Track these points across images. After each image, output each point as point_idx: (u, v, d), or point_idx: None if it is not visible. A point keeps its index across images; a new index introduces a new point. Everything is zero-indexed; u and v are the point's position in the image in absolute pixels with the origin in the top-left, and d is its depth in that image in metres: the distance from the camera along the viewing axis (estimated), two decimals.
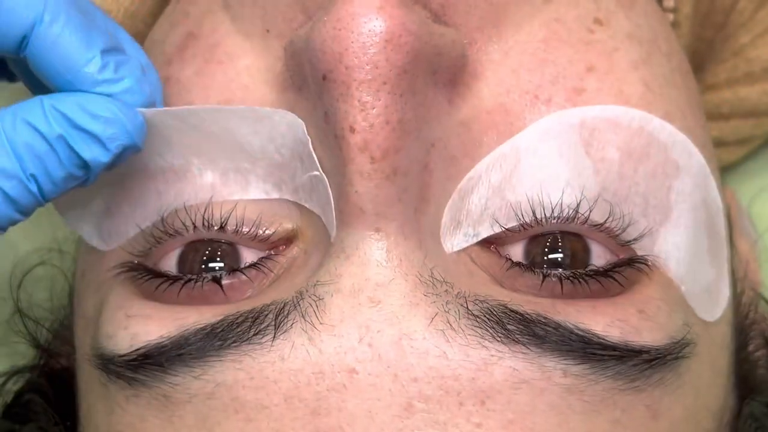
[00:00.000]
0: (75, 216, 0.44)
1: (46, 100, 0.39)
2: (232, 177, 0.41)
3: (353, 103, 0.37)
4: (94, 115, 0.39)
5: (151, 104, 0.41)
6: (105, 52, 0.40)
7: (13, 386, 0.52)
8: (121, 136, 0.39)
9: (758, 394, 0.47)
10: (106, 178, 0.42)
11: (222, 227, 0.41)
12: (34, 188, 0.39)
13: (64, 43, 0.39)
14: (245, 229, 0.41)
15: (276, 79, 0.41)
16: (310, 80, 0.38)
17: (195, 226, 0.41)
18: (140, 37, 0.51)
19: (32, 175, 0.39)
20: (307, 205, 0.40)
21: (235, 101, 0.42)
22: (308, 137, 0.39)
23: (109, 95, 0.39)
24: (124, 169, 0.42)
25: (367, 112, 0.37)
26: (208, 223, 0.41)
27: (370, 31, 0.37)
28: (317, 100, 0.38)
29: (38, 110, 0.39)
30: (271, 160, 0.41)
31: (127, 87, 0.40)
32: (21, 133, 0.39)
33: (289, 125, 0.40)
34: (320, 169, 0.39)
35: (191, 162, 0.42)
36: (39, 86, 0.42)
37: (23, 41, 0.39)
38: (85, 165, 0.39)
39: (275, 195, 0.41)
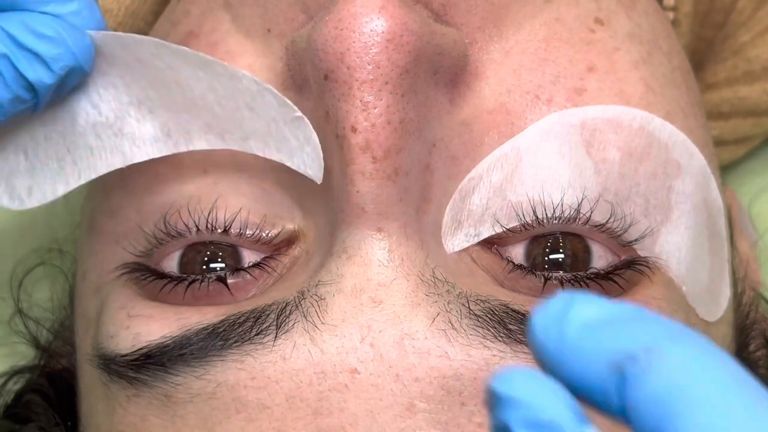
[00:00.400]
0: None
1: None
2: (173, 128, 0.40)
3: (355, 103, 0.37)
4: (39, 34, 0.38)
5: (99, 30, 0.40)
6: None
7: (14, 386, 0.51)
8: (65, 57, 0.39)
9: None
10: (29, 129, 0.41)
11: (225, 230, 0.41)
12: None
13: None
14: (248, 232, 0.41)
15: (277, 78, 0.41)
16: (311, 80, 0.38)
17: (198, 229, 0.41)
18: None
19: None
20: (261, 154, 0.40)
21: None
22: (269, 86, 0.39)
23: (56, 16, 0.39)
24: (50, 121, 0.41)
25: (369, 112, 0.37)
26: (212, 226, 0.41)
27: (371, 30, 0.37)
28: (318, 100, 0.38)
29: None
30: (210, 111, 0.40)
31: (75, 9, 0.39)
32: None
33: (231, 77, 0.39)
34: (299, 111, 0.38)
35: (128, 113, 0.41)
36: None
37: None
38: (31, 87, 0.39)
39: (219, 145, 0.40)
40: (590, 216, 0.40)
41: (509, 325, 0.38)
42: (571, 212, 0.40)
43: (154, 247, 0.42)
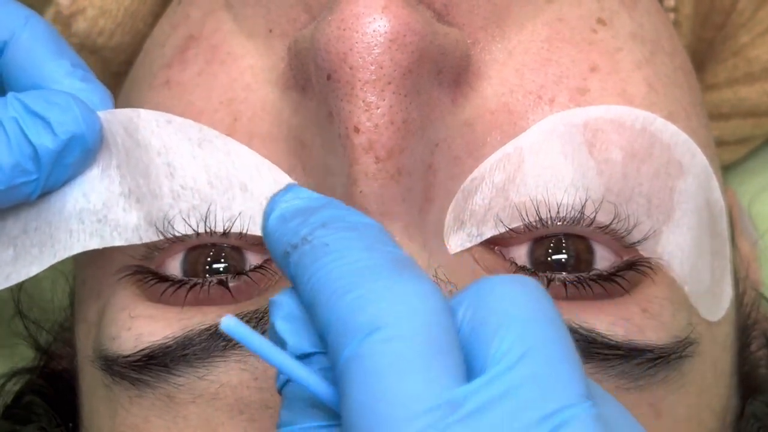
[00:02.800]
0: None
1: (13, 93, 0.40)
2: (156, 216, 0.41)
3: (358, 104, 0.37)
4: (50, 101, 0.40)
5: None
6: (74, 65, 0.42)
7: (14, 387, 0.51)
8: (71, 123, 0.40)
9: (760, 394, 0.47)
10: (23, 222, 0.42)
11: (225, 233, 0.40)
12: None
13: (38, 52, 0.42)
14: (249, 234, 0.40)
15: (279, 79, 0.41)
16: (314, 80, 0.38)
17: (198, 233, 0.41)
18: (140, 36, 0.51)
19: None
20: (246, 231, 0.40)
21: (238, 101, 0.42)
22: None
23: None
24: (43, 210, 0.42)
25: (372, 112, 0.37)
26: (211, 230, 0.40)
27: (374, 31, 0.37)
28: (321, 101, 0.38)
29: (1, 98, 0.40)
30: (199, 192, 0.40)
31: (89, 97, 0.42)
32: None
33: (228, 153, 0.40)
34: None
35: (116, 203, 0.42)
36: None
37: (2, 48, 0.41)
38: (34, 156, 0.40)
39: (202, 228, 0.40)
40: (594, 217, 0.40)
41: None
42: (575, 213, 0.39)
43: (155, 251, 0.42)
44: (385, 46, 0.37)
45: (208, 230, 0.40)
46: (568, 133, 0.40)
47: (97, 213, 0.42)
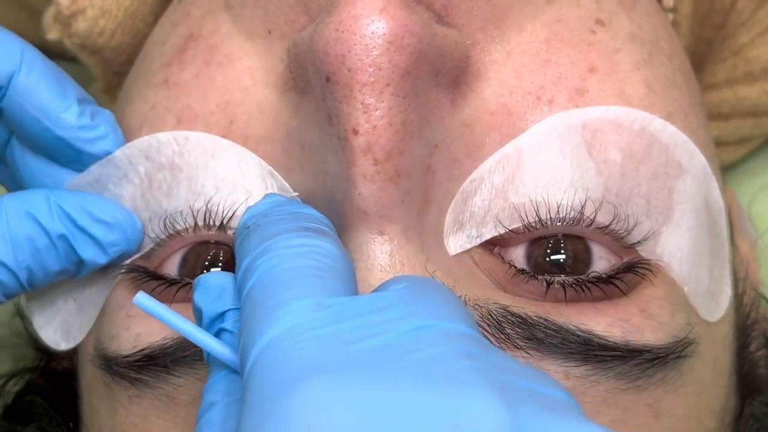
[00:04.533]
0: (44, 319, 0.46)
1: (52, 196, 0.42)
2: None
3: (356, 106, 0.37)
4: (96, 218, 0.42)
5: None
6: (80, 101, 0.42)
7: (14, 387, 0.51)
8: (120, 243, 0.42)
9: (759, 394, 0.47)
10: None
11: (222, 226, 0.41)
12: (24, 277, 0.42)
13: (41, 92, 0.42)
14: None
15: (278, 80, 0.41)
16: (313, 82, 0.38)
17: (197, 225, 0.41)
18: (140, 36, 0.51)
19: (27, 267, 0.41)
20: None
21: (234, 104, 0.42)
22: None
23: (87, 139, 0.42)
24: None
25: (370, 114, 0.37)
26: (211, 221, 0.41)
27: (372, 33, 0.37)
28: (320, 102, 0.38)
29: (44, 205, 0.41)
30: (204, 195, 0.42)
31: (103, 133, 0.42)
32: (25, 226, 0.41)
33: (238, 163, 0.41)
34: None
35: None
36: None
37: (1, 92, 0.41)
38: (80, 263, 0.42)
39: (198, 221, 0.42)
40: (594, 218, 0.40)
41: (506, 329, 0.38)
42: (575, 214, 0.39)
43: (154, 249, 0.42)
44: (384, 48, 0.37)
45: (207, 222, 0.40)
46: (567, 133, 0.40)
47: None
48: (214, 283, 0.37)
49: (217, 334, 0.36)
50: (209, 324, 0.37)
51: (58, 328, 0.45)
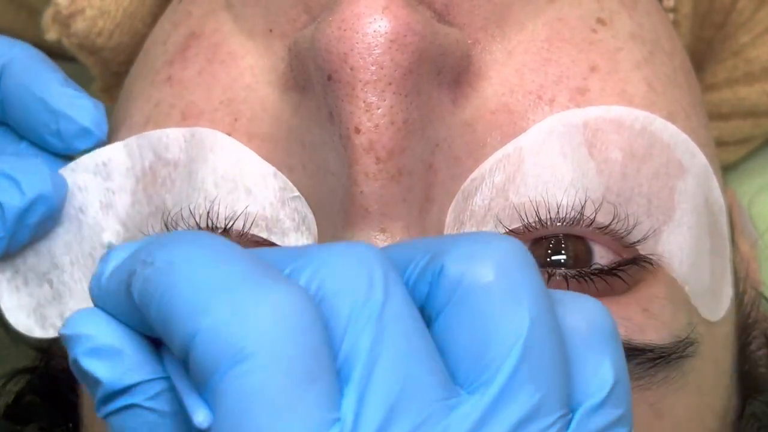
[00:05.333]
0: (14, 301, 0.44)
1: None
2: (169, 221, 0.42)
3: (358, 104, 0.37)
4: (20, 164, 0.42)
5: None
6: (66, 80, 0.43)
7: (14, 387, 0.51)
8: (38, 183, 0.41)
9: (761, 394, 0.47)
10: (49, 258, 0.43)
11: (226, 230, 0.40)
12: None
13: (35, 69, 0.43)
14: (250, 233, 0.40)
15: (279, 79, 0.41)
16: (314, 81, 0.38)
17: (199, 228, 0.41)
18: (139, 37, 0.51)
19: None
20: (248, 231, 0.41)
21: (238, 101, 0.42)
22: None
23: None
24: (75, 244, 0.43)
25: (372, 112, 0.37)
26: (213, 226, 0.41)
27: (375, 31, 0.37)
28: (322, 101, 0.38)
29: None
30: (205, 191, 0.41)
31: (86, 100, 0.43)
32: None
33: (237, 160, 0.41)
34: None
35: (146, 223, 0.43)
36: None
37: None
38: (1, 213, 0.41)
39: (201, 224, 0.41)
40: (594, 217, 0.40)
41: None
42: (575, 214, 0.39)
43: None
44: (386, 47, 0.37)
45: (209, 226, 0.40)
46: (568, 133, 0.40)
47: (136, 239, 0.42)
48: (102, 341, 0.32)
49: (119, 411, 0.32)
50: (106, 399, 0.32)
51: (32, 313, 0.44)
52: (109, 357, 0.31)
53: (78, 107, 0.42)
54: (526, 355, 0.30)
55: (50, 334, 0.44)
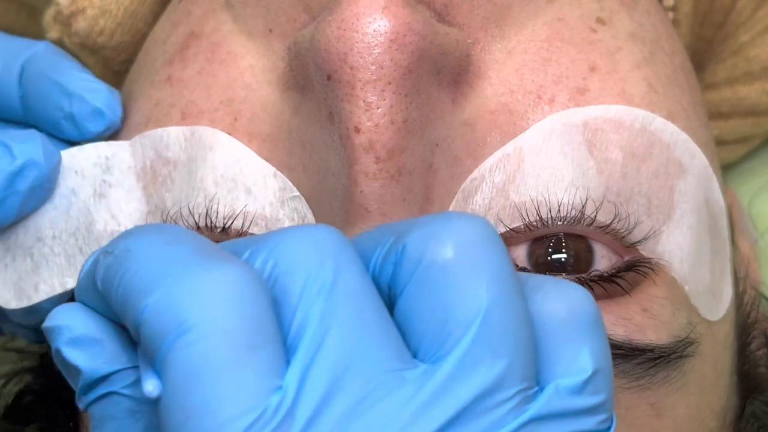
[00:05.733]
0: (1, 282, 0.44)
1: None
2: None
3: (358, 104, 0.37)
4: (16, 133, 0.42)
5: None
6: (83, 68, 0.44)
7: (14, 388, 0.51)
8: (29, 150, 0.41)
9: (760, 393, 0.47)
10: (35, 232, 0.43)
11: (225, 229, 0.40)
12: None
13: (54, 59, 0.44)
14: (249, 232, 0.40)
15: (279, 79, 0.41)
16: (314, 80, 0.38)
17: (198, 228, 0.41)
18: (140, 36, 0.51)
19: None
20: (247, 230, 0.41)
21: (238, 101, 0.42)
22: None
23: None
24: (61, 221, 0.43)
25: (372, 112, 0.37)
26: (212, 225, 0.41)
27: (374, 31, 0.37)
28: (322, 101, 0.38)
29: None
30: (204, 190, 0.41)
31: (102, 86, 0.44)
32: None
33: (238, 160, 0.41)
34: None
35: (144, 222, 0.43)
36: None
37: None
38: None
39: (200, 223, 0.41)
40: (595, 217, 0.40)
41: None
42: (576, 213, 0.39)
43: None
44: (386, 46, 0.37)
45: (208, 225, 0.40)
46: (568, 132, 0.40)
47: None
48: (82, 332, 0.33)
49: (99, 400, 0.34)
50: (87, 388, 0.34)
51: (12, 286, 0.44)
52: (88, 347, 0.33)
53: (92, 90, 0.43)
54: (485, 330, 0.31)
55: (23, 304, 0.43)
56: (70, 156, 0.43)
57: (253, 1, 0.42)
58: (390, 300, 0.33)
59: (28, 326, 0.47)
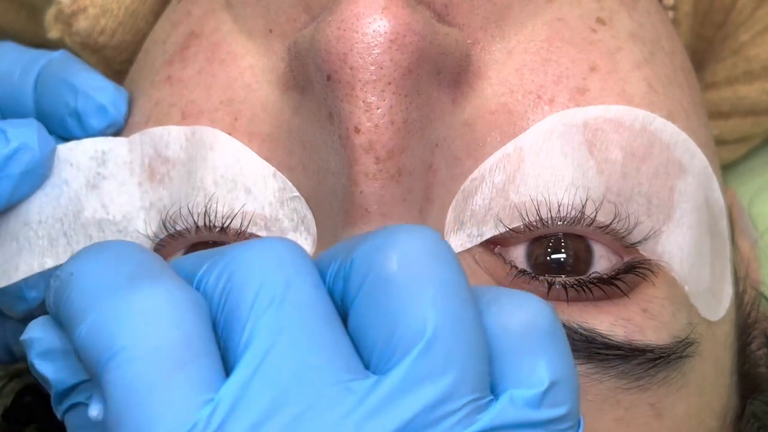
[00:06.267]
0: None
1: None
2: (168, 222, 0.42)
3: (358, 104, 0.37)
4: (14, 120, 0.42)
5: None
6: (94, 69, 0.44)
7: (14, 387, 0.51)
8: (23, 135, 0.42)
9: (760, 393, 0.47)
10: (24, 218, 0.43)
11: (224, 229, 0.40)
12: None
13: (68, 61, 0.44)
14: (248, 231, 0.40)
15: (279, 79, 0.41)
16: (314, 81, 0.38)
17: (197, 227, 0.41)
18: (141, 35, 0.51)
19: None
20: (246, 229, 0.41)
21: (238, 101, 0.42)
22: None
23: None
24: (48, 207, 0.43)
25: (372, 112, 0.37)
26: (210, 224, 0.41)
27: (374, 31, 0.37)
28: (321, 101, 0.38)
29: None
30: (204, 190, 0.41)
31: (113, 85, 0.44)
32: None
33: (237, 160, 0.41)
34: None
35: (137, 216, 0.43)
36: None
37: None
38: None
39: (199, 223, 0.41)
40: (595, 217, 0.40)
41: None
42: (576, 213, 0.39)
43: (156, 249, 0.42)
44: (385, 47, 0.37)
45: (207, 224, 0.40)
46: (568, 132, 0.40)
47: (117, 224, 0.43)
48: (50, 345, 0.34)
49: (70, 409, 0.35)
50: (59, 398, 0.35)
51: None
52: (56, 359, 0.34)
53: (99, 88, 0.43)
54: (433, 342, 0.31)
55: (2, 284, 0.44)
56: (66, 149, 0.43)
57: (253, 1, 0.42)
58: (344, 313, 0.33)
59: (17, 319, 0.47)
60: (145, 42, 0.48)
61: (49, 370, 0.34)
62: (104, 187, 0.43)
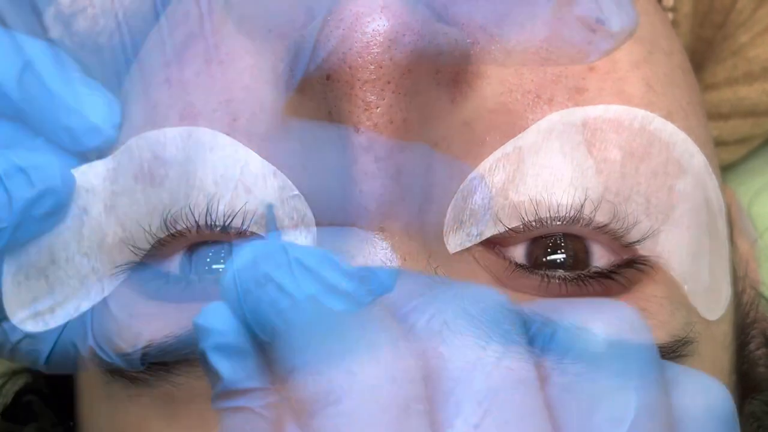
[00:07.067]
0: (15, 299, 0.44)
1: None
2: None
3: (357, 103, 0.37)
4: (32, 157, 0.41)
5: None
6: (82, 76, 0.43)
7: (13, 387, 0.51)
8: (48, 178, 0.41)
9: (759, 393, 0.47)
10: (49, 253, 0.43)
11: (225, 227, 0.41)
12: None
13: (53, 66, 0.43)
14: (249, 230, 0.40)
15: (278, 79, 0.41)
16: (313, 80, 0.38)
17: (198, 226, 0.41)
18: (140, 35, 0.51)
19: None
20: (246, 228, 0.41)
21: (237, 101, 0.42)
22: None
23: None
24: (72, 242, 0.43)
25: (372, 111, 0.37)
26: (212, 223, 0.41)
27: (373, 30, 0.37)
28: (321, 100, 0.38)
29: None
30: (203, 190, 0.41)
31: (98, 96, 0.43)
32: None
33: (236, 161, 0.41)
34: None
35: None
36: None
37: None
38: (8, 203, 0.40)
39: (200, 222, 0.41)
40: (593, 217, 0.40)
41: (504, 325, 0.37)
42: (574, 213, 0.40)
43: (156, 248, 0.42)
44: (385, 46, 0.37)
45: (208, 223, 0.40)
46: (567, 132, 0.40)
47: (134, 240, 0.42)
48: (231, 340, 0.33)
49: (237, 410, 0.34)
50: (223, 395, 0.34)
51: (27, 307, 0.44)
52: (233, 357, 0.33)
53: (90, 104, 0.43)
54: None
55: (39, 328, 0.43)
56: (80, 174, 0.43)
57: (252, 2, 0.42)
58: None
59: None
60: (144, 42, 0.48)
61: (225, 367, 0.33)
62: (119, 205, 0.43)
